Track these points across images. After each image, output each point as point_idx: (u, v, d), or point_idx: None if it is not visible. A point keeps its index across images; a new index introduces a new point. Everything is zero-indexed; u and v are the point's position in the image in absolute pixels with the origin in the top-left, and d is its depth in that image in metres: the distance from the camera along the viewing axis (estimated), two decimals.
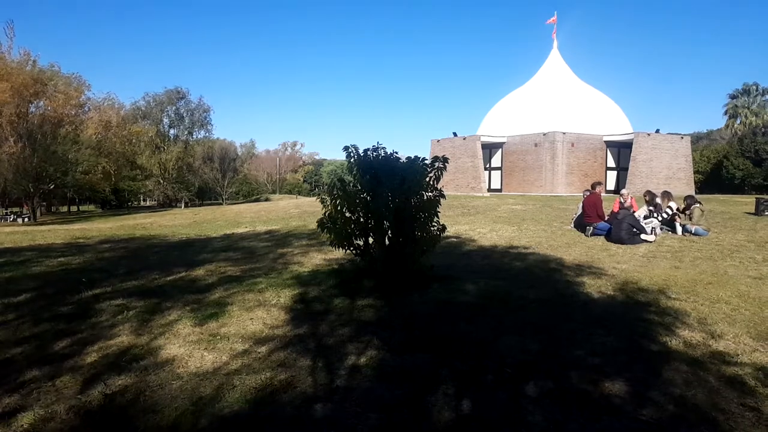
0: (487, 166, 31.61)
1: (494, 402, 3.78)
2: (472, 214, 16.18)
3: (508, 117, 31.70)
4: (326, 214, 7.22)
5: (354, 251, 7.29)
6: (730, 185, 40.75)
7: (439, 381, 4.10)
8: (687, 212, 12.73)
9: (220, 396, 3.87)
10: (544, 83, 32.66)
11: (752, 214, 15.31)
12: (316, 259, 9.42)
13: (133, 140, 49.51)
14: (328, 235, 7.19)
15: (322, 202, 7.35)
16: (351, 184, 7.34)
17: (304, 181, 79.41)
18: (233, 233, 14.12)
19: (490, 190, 30.76)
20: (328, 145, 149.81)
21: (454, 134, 32.25)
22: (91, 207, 57.80)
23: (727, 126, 58.03)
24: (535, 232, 12.50)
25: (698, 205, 12.76)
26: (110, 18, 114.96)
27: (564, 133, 28.30)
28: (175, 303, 6.43)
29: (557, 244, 10.93)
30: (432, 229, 7.31)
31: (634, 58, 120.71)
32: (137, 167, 53.50)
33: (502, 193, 29.82)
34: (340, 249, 7.28)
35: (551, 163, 28.32)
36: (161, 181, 56.46)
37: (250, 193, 71.30)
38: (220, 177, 65.14)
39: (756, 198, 16.83)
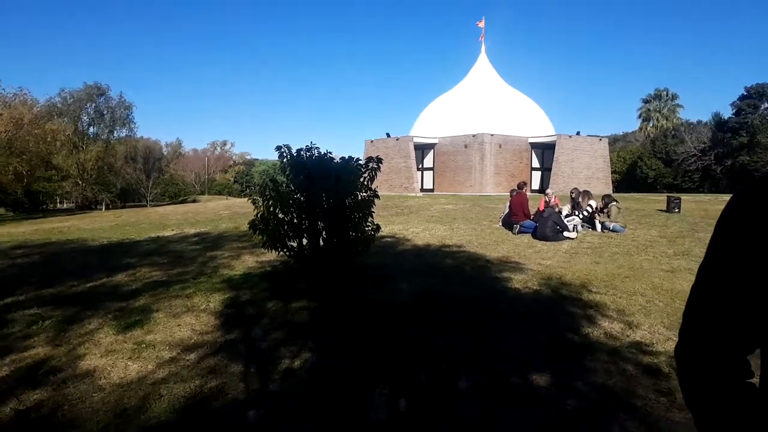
0: (420, 166, 32.08)
1: (429, 399, 3.84)
2: (406, 214, 16.37)
3: (440, 119, 32.29)
4: (258, 215, 7.08)
5: (287, 253, 7.19)
6: (644, 184, 43.35)
7: (375, 381, 4.11)
8: (605, 210, 13.44)
9: (146, 407, 3.71)
10: (473, 86, 33.52)
11: (664, 211, 16.34)
12: (248, 261, 9.22)
13: (49, 139, 46.48)
14: (261, 236, 7.05)
15: (254, 203, 7.21)
16: (284, 185, 7.24)
17: (234, 181, 77.53)
18: (159, 236, 13.57)
19: (422, 190, 31.23)
20: (260, 144, 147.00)
21: (388, 135, 32.50)
22: (2, 210, 53.98)
23: (641, 129, 61.66)
24: (466, 231, 12.80)
25: (615, 203, 13.50)
26: (23, 8, 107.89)
27: (492, 135, 29.17)
28: (95, 311, 6.10)
29: (487, 242, 11.24)
30: (366, 229, 7.33)
31: (557, 63, 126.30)
32: (53, 168, 50.34)
33: (435, 193, 30.35)
34: (273, 251, 7.16)
35: (480, 163, 29.11)
36: (80, 183, 53.41)
37: (177, 194, 68.83)
38: (144, 178, 62.41)
39: (667, 196, 17.98)
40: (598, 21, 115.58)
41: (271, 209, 7.02)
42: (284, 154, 7.18)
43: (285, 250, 7.14)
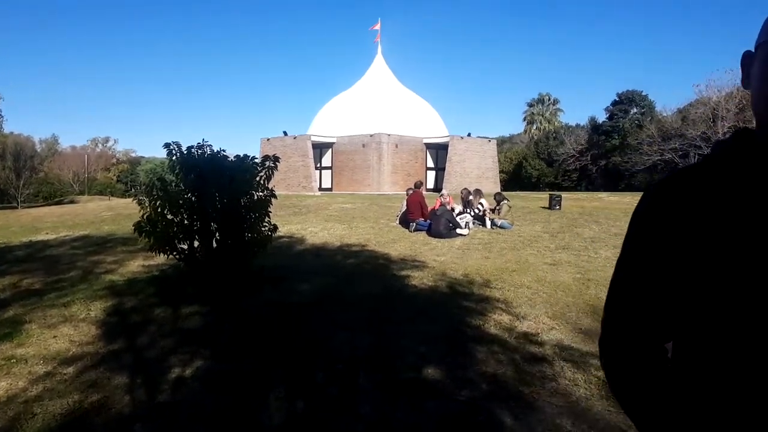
0: (318, 165, 31.91)
1: (326, 399, 3.82)
2: (304, 214, 16.21)
3: (338, 118, 32.32)
4: (145, 217, 6.67)
5: (177, 256, 6.84)
6: (528, 183, 46.16)
7: (271, 385, 4.02)
8: (497, 208, 14.17)
9: (17, 428, 3.36)
10: (370, 87, 33.89)
11: (546, 208, 17.50)
12: (134, 266, 8.67)
13: None
14: (148, 239, 6.65)
15: (140, 203, 6.78)
16: (173, 184, 6.88)
17: (118, 180, 72.46)
18: (32, 240, 12.38)
19: (321, 189, 31.09)
20: (147, 142, 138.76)
21: (285, 133, 32.00)
22: None
23: (525, 131, 65.63)
24: (365, 230, 12.91)
25: (506, 201, 14.29)
26: None
27: (389, 135, 29.68)
28: None
29: (385, 240, 11.41)
30: (263, 229, 7.16)
31: (449, 67, 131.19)
32: None
33: (333, 192, 30.33)
34: (162, 254, 6.78)
35: (378, 163, 29.52)
36: None
37: (53, 194, 63.19)
38: (14, 177, 56.73)
39: (549, 194, 19.25)
40: (487, 28, 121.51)
41: (159, 210, 6.64)
42: (174, 152, 6.82)
43: (175, 253, 6.78)
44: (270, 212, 7.28)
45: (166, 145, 6.84)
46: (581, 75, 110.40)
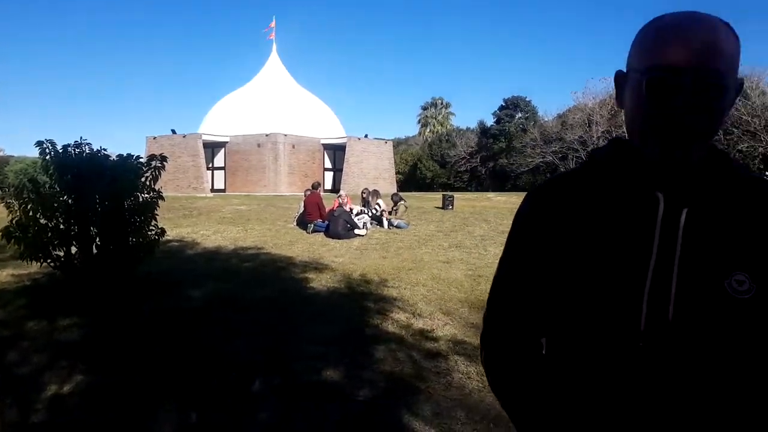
0: (210, 165, 30.72)
1: (221, 408, 3.69)
2: (195, 216, 15.53)
3: (231, 116, 31.31)
4: (13, 221, 6.06)
5: (52, 263, 6.28)
6: (423, 184, 47.52)
7: (161, 398, 3.81)
8: (394, 208, 14.47)
9: None
10: (265, 85, 33.17)
11: (440, 208, 18.13)
12: (1, 276, 7.84)
13: None
14: (17, 246, 6.05)
15: (8, 206, 6.16)
16: (47, 186, 6.31)
17: None
18: None
19: (213, 190, 29.96)
20: (17, 140, 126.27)
21: (173, 132, 30.50)
22: None
23: (420, 133, 67.55)
24: (261, 232, 12.63)
25: (403, 202, 14.63)
26: None
27: (285, 135, 29.25)
28: None
29: (282, 242, 11.23)
30: (149, 233, 6.77)
31: (346, 68, 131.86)
32: None
33: (227, 193, 29.34)
34: (35, 262, 6.20)
35: (274, 163, 28.99)
36: None
37: None
38: None
39: (443, 195, 19.96)
40: (383, 31, 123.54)
41: (31, 214, 6.07)
42: (47, 151, 6.27)
43: (49, 260, 6.23)
44: (157, 215, 6.90)
45: (39, 144, 6.27)
46: (471, 80, 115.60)
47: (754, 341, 0.96)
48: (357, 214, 13.26)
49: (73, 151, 6.35)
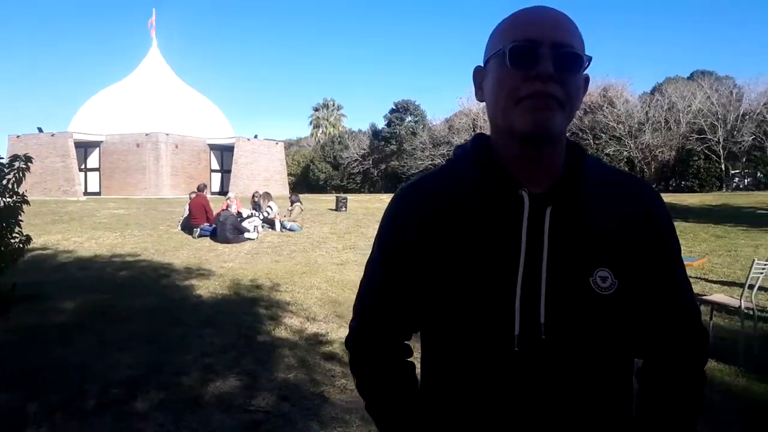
0: (83, 166, 28.33)
1: (100, 428, 3.36)
2: (66, 222, 14.21)
3: (106, 114, 29.05)
4: None
5: None
6: (316, 186, 47.26)
7: (28, 421, 3.40)
8: (290, 208, 14.20)
9: None
10: (144, 81, 31.17)
11: (334, 209, 18.08)
12: None
13: None
14: None
15: None
16: None
17: None
18: None
19: (87, 193, 27.62)
20: None
21: (40, 130, 27.77)
22: None
23: (312, 134, 67.11)
24: (141, 238, 11.82)
25: (299, 203, 14.39)
26: None
27: (168, 135, 27.69)
28: None
29: (165, 248, 10.58)
30: (12, 241, 6.03)
31: (235, 67, 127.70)
32: None
33: (102, 196, 27.18)
34: None
35: (155, 164, 27.34)
36: None
37: None
38: None
39: (336, 196, 19.94)
40: (273, 30, 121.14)
41: None
42: None
43: None
44: (21, 221, 6.18)
45: None
46: (363, 83, 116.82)
47: (619, 335, 0.99)
48: (247, 217, 12.83)
49: None
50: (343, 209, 17.90)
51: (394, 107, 47.89)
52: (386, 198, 25.61)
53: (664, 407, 1.04)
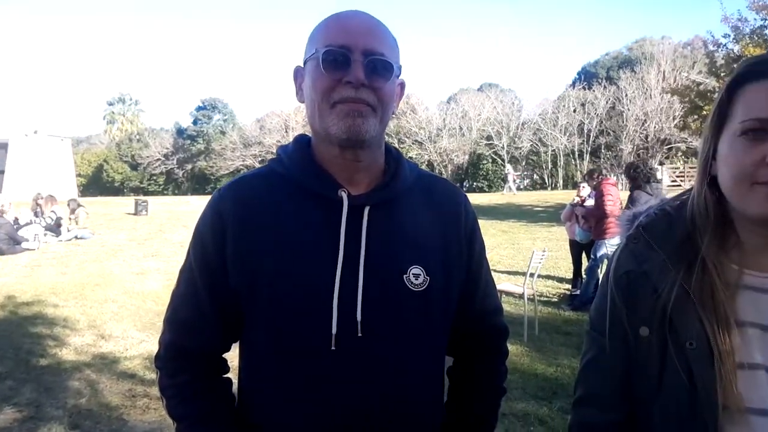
0: None
1: None
2: None
3: None
4: None
5: None
6: (111, 187, 42.98)
7: None
8: (73, 216, 12.67)
9: None
10: None
11: (133, 214, 16.58)
12: None
13: None
14: None
15: None
16: None
17: None
18: None
19: None
20: None
21: None
22: None
23: (106, 131, 60.79)
24: None
25: (83, 207, 12.92)
26: None
27: None
28: None
29: None
30: None
31: (8, 55, 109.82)
32: None
33: None
34: None
35: None
36: None
37: None
38: None
39: (135, 199, 18.34)
40: (55, 14, 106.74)
41: None
42: None
43: None
44: None
45: None
46: (165, 78, 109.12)
47: (431, 331, 1.05)
48: (25, 225, 11.17)
49: None
50: (144, 213, 16.56)
51: (201, 104, 45.80)
52: (194, 200, 24.32)
53: (470, 405, 1.15)
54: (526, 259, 6.76)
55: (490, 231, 12.92)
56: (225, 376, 1.10)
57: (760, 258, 0.86)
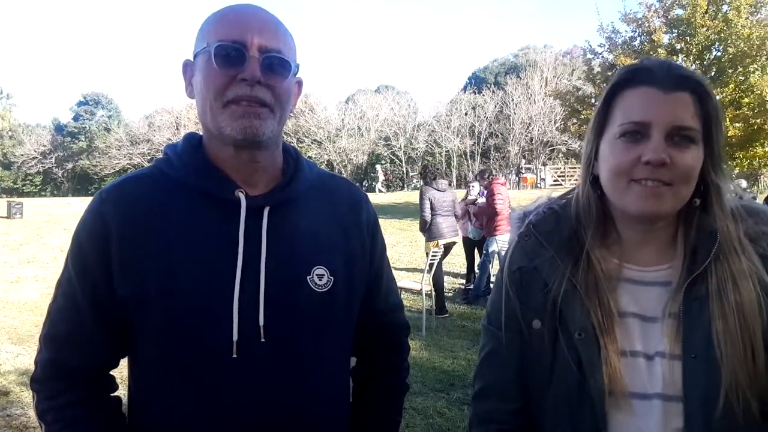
0: None
1: None
2: None
3: None
4: None
5: None
6: None
7: None
8: None
9: None
10: None
11: (5, 217, 15.22)
12: None
13: None
14: None
15: None
16: None
17: None
18: None
19: None
20: None
21: None
22: None
23: None
24: None
25: None
26: None
27: None
28: None
29: None
30: None
31: None
32: None
33: None
34: None
35: None
36: None
37: None
38: None
39: (7, 201, 16.80)
40: None
41: None
42: None
43: None
44: None
45: None
46: (42, 71, 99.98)
47: (335, 332, 1.03)
48: None
49: None
50: (18, 216, 15.24)
51: (82, 99, 42.60)
52: (76, 202, 22.59)
53: (375, 404, 1.15)
54: (423, 257, 6.99)
55: (389, 229, 13.19)
56: (113, 394, 1.01)
57: (636, 253, 0.94)
